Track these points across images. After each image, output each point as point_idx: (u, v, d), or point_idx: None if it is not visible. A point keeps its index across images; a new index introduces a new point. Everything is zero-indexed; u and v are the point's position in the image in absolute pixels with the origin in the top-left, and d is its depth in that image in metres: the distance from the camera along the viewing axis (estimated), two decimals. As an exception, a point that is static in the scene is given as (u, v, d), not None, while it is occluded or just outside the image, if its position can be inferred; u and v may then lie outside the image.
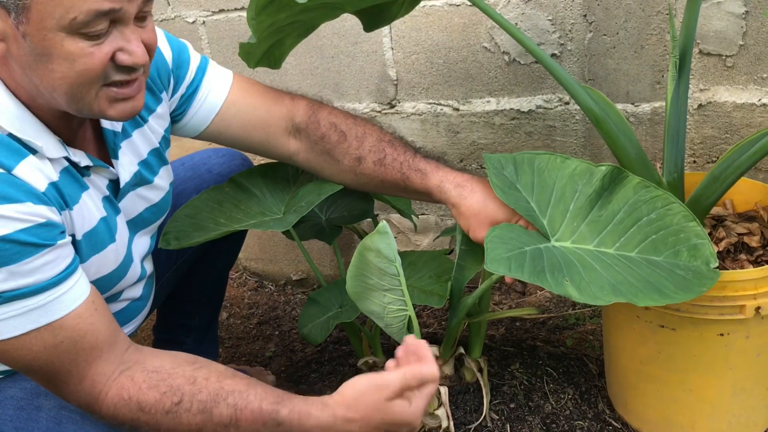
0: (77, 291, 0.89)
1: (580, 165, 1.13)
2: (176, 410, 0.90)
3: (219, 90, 1.17)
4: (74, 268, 0.89)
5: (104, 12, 0.80)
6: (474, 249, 1.18)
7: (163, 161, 1.14)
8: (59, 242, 0.87)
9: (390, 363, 0.97)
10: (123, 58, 0.85)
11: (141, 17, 0.87)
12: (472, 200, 1.13)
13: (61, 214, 0.90)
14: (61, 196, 0.91)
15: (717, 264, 1.01)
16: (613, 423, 1.40)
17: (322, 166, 1.22)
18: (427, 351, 0.96)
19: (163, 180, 1.14)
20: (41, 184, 0.87)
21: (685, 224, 1.05)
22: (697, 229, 1.04)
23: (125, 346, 0.95)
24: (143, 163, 1.09)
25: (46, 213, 0.85)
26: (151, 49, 0.90)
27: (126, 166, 1.05)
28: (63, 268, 0.87)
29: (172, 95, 1.13)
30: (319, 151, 1.20)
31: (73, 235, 0.93)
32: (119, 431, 0.94)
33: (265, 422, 0.91)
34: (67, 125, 0.94)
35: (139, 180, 1.08)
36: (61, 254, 0.87)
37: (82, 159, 0.95)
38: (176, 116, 1.16)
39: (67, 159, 0.93)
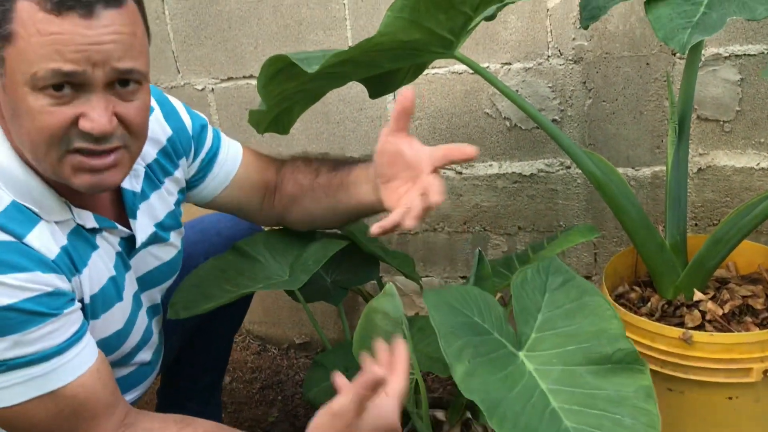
0: (82, 358, 0.89)
1: (618, 329, 0.99)
2: None
3: (234, 156, 1.22)
4: (80, 336, 0.89)
5: (65, 73, 0.80)
6: None
7: (177, 224, 1.16)
8: (66, 311, 0.87)
9: (339, 380, 0.92)
10: (83, 124, 0.83)
11: (122, 89, 0.85)
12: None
13: (71, 281, 0.90)
14: (71, 261, 0.91)
15: None
16: (623, 490, 1.37)
17: (292, 219, 1.28)
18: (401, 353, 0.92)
19: (175, 240, 1.16)
20: (52, 251, 0.88)
21: None
22: None
23: (124, 412, 0.94)
24: (159, 225, 1.10)
25: (55, 282, 0.86)
26: (130, 125, 0.87)
27: (143, 227, 1.06)
28: (69, 336, 0.87)
29: (193, 160, 1.16)
30: (288, 205, 1.27)
31: (81, 299, 0.94)
32: None
33: None
34: (81, 195, 0.94)
35: (154, 239, 1.10)
36: (68, 322, 0.87)
37: (87, 221, 0.96)
38: (195, 181, 1.19)
39: (74, 220, 0.95)
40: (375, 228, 0.93)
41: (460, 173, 1.67)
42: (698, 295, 1.24)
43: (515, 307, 1.03)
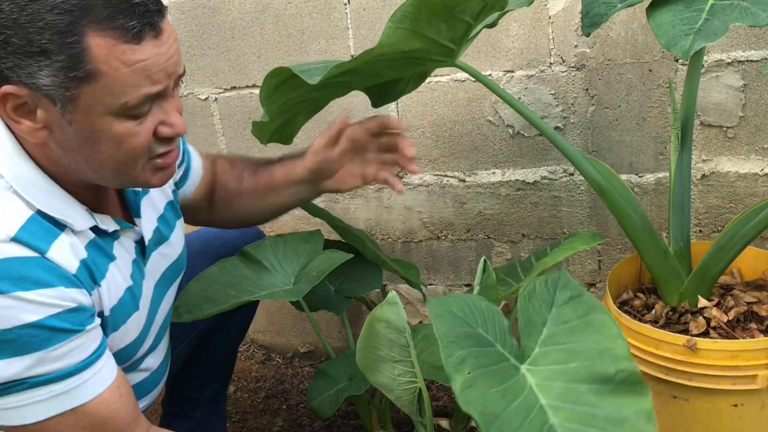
0: (103, 375, 0.89)
1: (622, 348, 0.97)
2: None
3: (196, 156, 1.29)
4: (101, 352, 0.89)
5: (154, 95, 0.84)
6: None
7: (177, 214, 1.17)
8: (88, 327, 0.87)
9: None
10: (165, 131, 0.88)
11: (175, 89, 0.90)
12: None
13: (91, 295, 0.90)
14: (90, 274, 0.91)
15: None
16: (629, 498, 1.36)
17: (224, 215, 1.33)
18: None
19: (179, 234, 1.17)
20: (73, 265, 0.88)
21: None
22: None
23: (145, 429, 0.95)
24: (161, 218, 1.11)
25: (78, 297, 0.86)
26: (182, 114, 0.93)
27: (147, 223, 1.07)
28: (91, 353, 0.87)
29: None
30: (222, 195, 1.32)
31: (101, 312, 0.94)
32: None
33: None
34: (94, 193, 0.96)
35: (159, 237, 1.10)
36: (90, 338, 0.88)
37: (109, 225, 0.96)
38: (179, 180, 1.23)
39: (94, 229, 0.95)
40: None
41: (464, 181, 1.67)
42: (703, 302, 1.24)
43: (520, 320, 1.02)
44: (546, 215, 1.63)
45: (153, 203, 1.10)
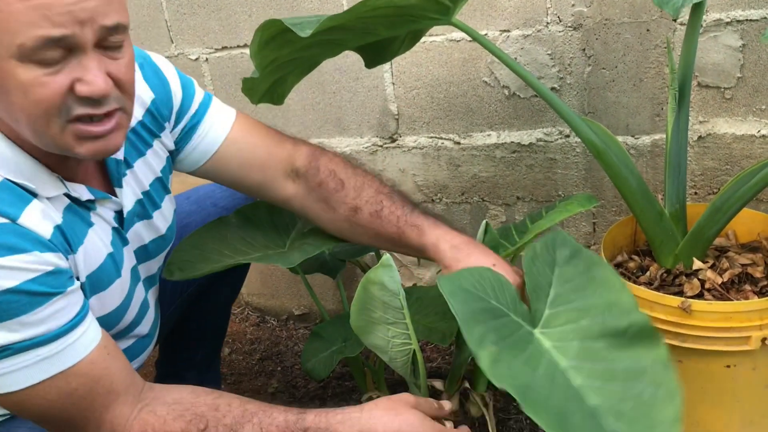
0: (89, 336, 0.88)
1: (630, 300, 0.98)
2: None
3: (220, 127, 1.15)
4: (85, 314, 0.88)
5: (53, 39, 0.76)
6: None
7: (166, 190, 1.14)
8: (69, 289, 0.86)
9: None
10: (80, 88, 0.80)
11: (109, 47, 0.82)
12: (466, 263, 1.08)
13: (67, 259, 0.89)
14: (66, 240, 0.90)
15: None
16: (621, 457, 1.38)
17: (317, 213, 1.20)
18: None
19: (166, 210, 1.13)
20: (47, 231, 0.86)
21: (669, 427, 0.87)
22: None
23: (141, 386, 0.94)
24: (146, 194, 1.08)
25: (54, 260, 0.85)
26: (122, 84, 0.85)
27: (128, 195, 1.04)
28: (74, 315, 0.86)
29: (174, 127, 1.13)
30: (316, 197, 1.18)
31: (77, 278, 0.93)
32: None
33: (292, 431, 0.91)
34: (64, 159, 0.92)
35: (143, 211, 1.08)
36: (71, 301, 0.87)
37: (82, 193, 0.94)
38: (176, 150, 1.15)
39: (68, 195, 0.93)
40: None
41: (459, 143, 1.65)
42: (697, 264, 1.24)
43: (528, 284, 1.02)
44: (541, 177, 1.62)
45: (137, 177, 1.07)
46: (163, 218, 1.13)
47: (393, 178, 1.73)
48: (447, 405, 1.05)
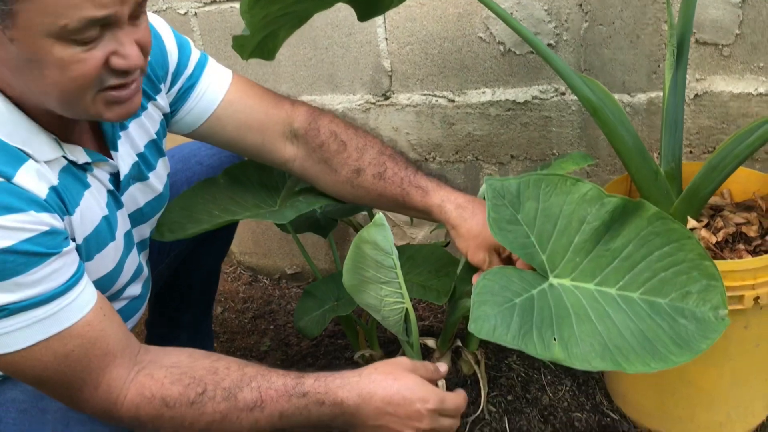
0: (85, 298, 0.87)
1: (591, 190, 1.04)
2: (201, 400, 0.89)
3: (217, 89, 1.14)
4: (80, 275, 0.87)
5: (97, 20, 0.77)
6: None
7: (161, 153, 1.13)
8: (64, 249, 0.85)
9: None
10: (117, 62, 0.82)
11: (134, 16, 0.83)
12: (472, 222, 1.10)
13: (63, 220, 0.88)
14: (62, 201, 0.89)
15: (727, 312, 0.92)
16: (611, 414, 1.40)
17: (318, 176, 1.19)
18: None
19: (161, 172, 1.12)
20: (42, 191, 0.85)
21: (699, 262, 0.95)
22: (712, 269, 0.95)
23: (137, 348, 0.93)
24: (141, 156, 1.07)
25: (50, 220, 0.84)
26: (145, 48, 0.86)
27: (125, 158, 1.03)
28: (69, 276, 0.85)
29: (170, 89, 1.11)
30: (317, 159, 1.17)
31: (73, 240, 0.92)
32: (134, 425, 0.92)
33: (290, 396, 0.91)
34: (62, 122, 0.91)
35: (138, 173, 1.07)
36: (67, 262, 0.86)
37: (79, 156, 0.93)
38: (171, 111, 1.14)
39: (65, 158, 0.92)
40: None
41: (453, 101, 1.63)
42: (692, 223, 1.23)
43: (517, 252, 1.02)
44: (536, 136, 1.61)
45: (132, 140, 1.05)
46: (158, 180, 1.11)
47: (386, 136, 1.71)
48: (443, 367, 1.05)
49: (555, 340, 0.91)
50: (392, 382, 0.94)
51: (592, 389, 1.46)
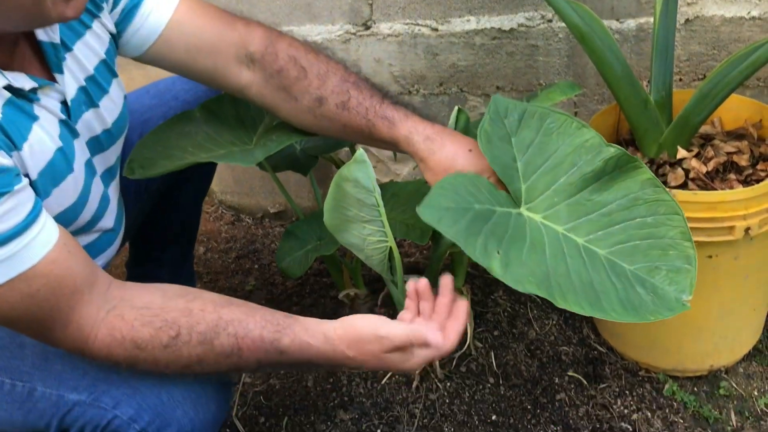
0: (46, 235, 0.83)
1: (594, 138, 0.99)
2: (174, 344, 0.86)
3: (164, 8, 1.07)
4: (38, 212, 0.83)
5: None
6: None
7: (113, 74, 1.07)
8: (16, 187, 0.80)
9: (404, 315, 0.93)
10: None
11: None
12: (441, 155, 1.04)
13: (11, 157, 0.83)
14: (7, 137, 0.84)
15: (690, 298, 0.89)
16: (598, 348, 1.40)
17: (277, 104, 1.13)
18: (460, 313, 0.91)
19: (115, 95, 1.06)
20: None
21: (680, 242, 0.92)
22: (690, 252, 0.91)
23: (107, 284, 0.90)
24: (90, 79, 1.01)
25: None
26: None
27: (71, 82, 0.97)
28: (26, 215, 0.81)
29: (113, 8, 1.04)
30: (275, 86, 1.11)
31: (27, 176, 0.87)
32: (108, 364, 0.90)
33: (267, 351, 0.89)
34: (1, 49, 0.85)
35: (89, 98, 1.01)
36: (21, 200, 0.81)
37: (25, 82, 0.87)
38: (118, 32, 1.07)
39: (8, 88, 0.86)
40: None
41: (436, 30, 1.57)
42: (682, 153, 1.20)
43: (496, 168, 0.98)
44: (522, 66, 1.56)
45: (79, 61, 0.99)
46: (112, 103, 1.06)
47: (368, 68, 1.65)
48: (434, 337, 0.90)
49: (498, 253, 0.87)
50: (359, 363, 0.90)
51: (578, 323, 1.45)
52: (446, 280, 0.93)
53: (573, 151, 0.99)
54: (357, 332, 0.89)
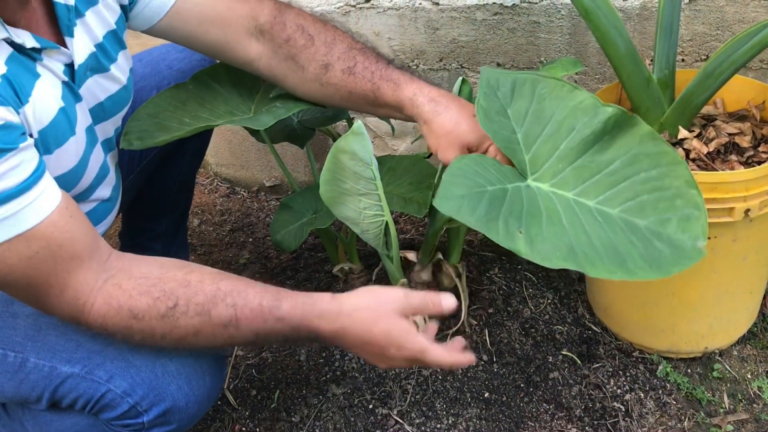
0: (48, 197, 0.82)
1: (588, 99, 0.99)
2: (172, 314, 0.86)
3: None
4: (41, 172, 0.82)
5: None
6: None
7: (121, 45, 1.06)
8: (21, 145, 0.79)
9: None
10: None
11: None
12: (445, 117, 1.04)
13: (18, 114, 0.82)
14: (14, 91, 0.82)
15: (705, 243, 0.89)
16: (593, 327, 1.39)
17: (285, 74, 1.13)
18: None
19: (122, 65, 1.05)
20: None
21: (686, 190, 0.91)
22: (698, 199, 0.91)
23: (107, 254, 0.89)
24: (99, 47, 1.00)
25: (4, 114, 0.78)
26: None
27: (81, 47, 0.96)
28: (29, 174, 0.80)
29: None
30: (283, 56, 1.11)
31: (30, 135, 0.86)
32: (103, 334, 0.89)
33: (265, 319, 0.87)
34: (7, 3, 0.84)
35: (96, 64, 0.99)
36: (25, 158, 0.80)
37: (26, 40, 0.86)
38: (129, 3, 1.06)
39: (11, 43, 0.84)
40: None
41: (437, 4, 1.55)
42: (683, 133, 1.19)
43: (499, 144, 0.97)
44: (523, 42, 1.54)
45: (89, 28, 0.98)
46: (119, 74, 1.05)
47: (367, 42, 1.63)
48: (447, 302, 0.90)
49: (521, 233, 0.87)
50: (370, 325, 0.88)
51: (573, 302, 1.45)
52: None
53: (569, 114, 0.99)
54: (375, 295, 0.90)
